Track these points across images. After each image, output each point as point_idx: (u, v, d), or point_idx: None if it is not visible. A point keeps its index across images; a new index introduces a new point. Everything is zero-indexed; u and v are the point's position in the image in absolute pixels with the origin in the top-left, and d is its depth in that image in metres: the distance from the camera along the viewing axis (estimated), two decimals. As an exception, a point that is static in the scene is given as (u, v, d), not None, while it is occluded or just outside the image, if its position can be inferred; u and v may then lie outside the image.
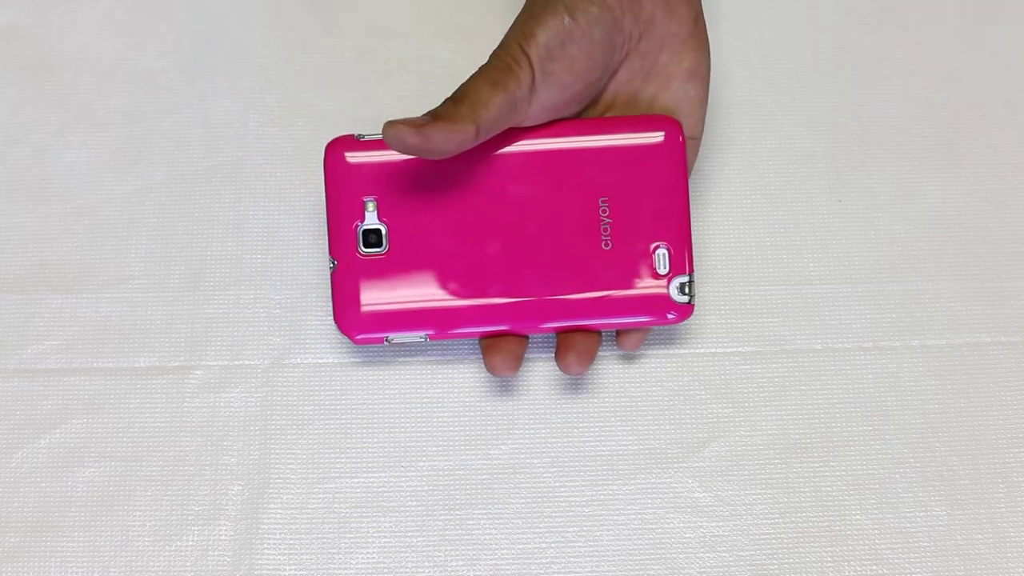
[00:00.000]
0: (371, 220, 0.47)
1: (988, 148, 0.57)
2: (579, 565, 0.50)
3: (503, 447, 0.51)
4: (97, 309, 0.53)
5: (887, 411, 0.52)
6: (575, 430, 0.52)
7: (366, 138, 0.48)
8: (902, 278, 0.55)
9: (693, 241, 0.49)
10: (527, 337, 0.49)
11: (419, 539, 0.50)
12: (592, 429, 0.52)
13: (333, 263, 0.48)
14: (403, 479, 0.51)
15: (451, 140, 0.44)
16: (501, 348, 0.48)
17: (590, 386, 0.53)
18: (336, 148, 0.48)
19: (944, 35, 0.59)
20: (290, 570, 0.49)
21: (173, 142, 0.56)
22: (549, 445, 0.52)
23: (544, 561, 0.50)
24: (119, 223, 0.55)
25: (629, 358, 0.53)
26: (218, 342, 0.53)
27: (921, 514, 0.51)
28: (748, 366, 0.53)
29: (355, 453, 0.51)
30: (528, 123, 0.47)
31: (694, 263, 0.48)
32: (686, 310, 0.48)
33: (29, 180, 0.56)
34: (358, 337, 0.48)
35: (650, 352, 0.53)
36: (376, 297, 0.48)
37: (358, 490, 0.51)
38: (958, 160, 0.57)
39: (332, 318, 0.49)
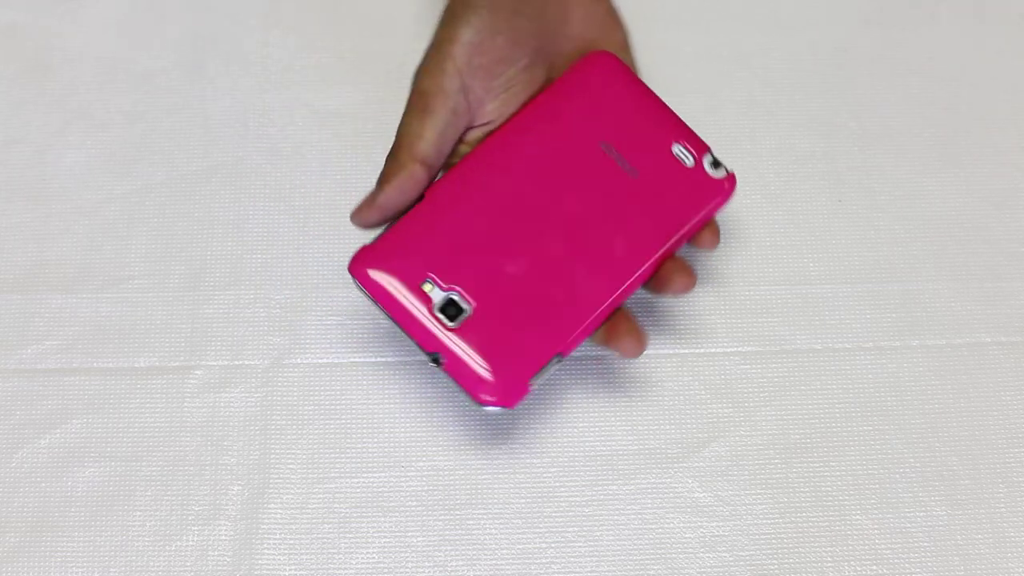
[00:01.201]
0: (439, 296, 0.45)
1: (988, 148, 0.57)
2: (579, 565, 0.50)
3: (503, 447, 0.51)
4: (97, 309, 0.53)
5: (887, 411, 0.52)
6: (575, 430, 0.52)
7: (379, 236, 0.46)
8: (902, 278, 0.55)
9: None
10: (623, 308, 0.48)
11: (419, 539, 0.50)
12: (592, 429, 0.52)
13: (439, 359, 0.45)
14: (403, 479, 0.51)
15: (405, 191, 0.45)
16: (620, 330, 0.47)
17: (590, 386, 0.53)
18: (361, 268, 0.46)
19: (944, 35, 0.59)
20: (290, 570, 0.50)
21: (173, 142, 0.56)
22: (549, 445, 0.52)
23: (544, 561, 0.50)
24: (119, 223, 0.55)
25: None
26: (218, 342, 0.53)
27: (921, 514, 0.51)
28: (748, 366, 0.53)
29: (355, 453, 0.51)
30: (488, 115, 0.48)
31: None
32: (731, 180, 0.48)
33: (29, 180, 0.56)
34: (515, 404, 0.45)
35: (650, 352, 0.53)
36: (499, 356, 0.45)
37: (358, 490, 0.51)
38: (958, 160, 0.57)
39: (454, 375, 0.46)
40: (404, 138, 0.46)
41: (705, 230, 0.49)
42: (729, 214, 0.55)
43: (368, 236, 0.47)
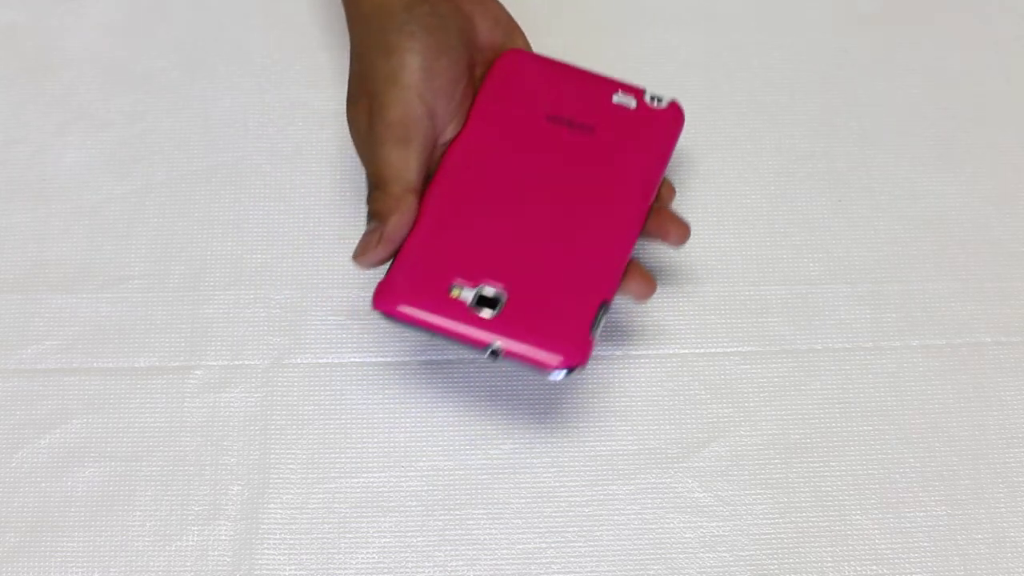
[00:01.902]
0: (470, 295, 0.46)
1: (988, 148, 0.57)
2: (579, 565, 0.50)
3: (503, 447, 0.51)
4: (97, 309, 0.53)
5: (887, 411, 0.52)
6: (575, 430, 0.52)
7: (390, 268, 0.47)
8: (902, 278, 0.55)
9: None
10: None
11: (419, 539, 0.50)
12: (592, 429, 0.52)
13: (497, 351, 0.45)
14: (403, 479, 0.51)
15: (407, 222, 0.46)
16: (630, 275, 0.47)
17: (590, 386, 0.52)
18: (387, 304, 0.46)
19: (944, 35, 0.59)
20: (290, 570, 0.49)
21: (173, 142, 0.56)
22: (549, 445, 0.51)
23: (544, 561, 0.50)
24: (119, 223, 0.55)
25: (629, 358, 0.53)
26: (218, 342, 0.53)
27: (921, 514, 0.51)
28: (748, 366, 0.53)
29: (355, 453, 0.51)
30: (449, 134, 0.49)
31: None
32: (677, 107, 0.50)
33: (29, 180, 0.56)
34: (587, 359, 0.46)
35: (650, 352, 0.53)
36: (551, 324, 0.46)
37: (358, 490, 0.51)
38: (958, 160, 0.57)
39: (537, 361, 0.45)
40: (391, 170, 0.47)
41: (662, 187, 0.50)
42: (730, 213, 0.55)
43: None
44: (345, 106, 0.49)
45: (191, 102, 0.57)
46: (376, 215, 0.46)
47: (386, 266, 0.47)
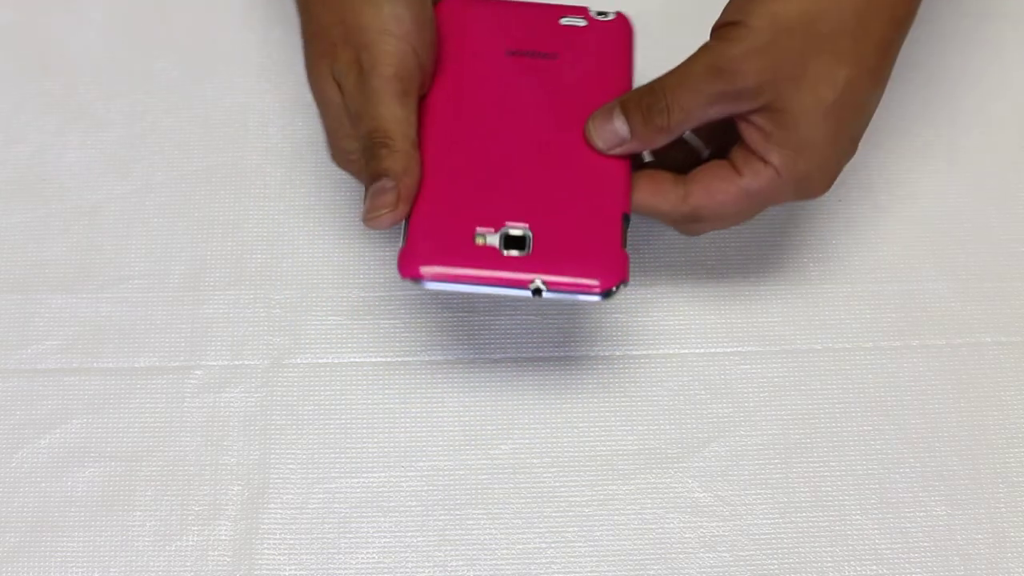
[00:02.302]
0: (496, 239, 0.45)
1: (988, 148, 0.57)
2: (579, 565, 0.50)
3: (503, 447, 0.51)
4: (97, 309, 0.53)
5: (887, 411, 0.52)
6: (575, 430, 0.52)
7: (406, 234, 0.46)
8: (902, 278, 0.55)
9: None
10: None
11: (419, 539, 0.50)
12: (592, 429, 0.52)
13: (539, 289, 0.45)
14: (403, 479, 0.51)
15: (417, 176, 0.45)
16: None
17: (590, 386, 0.52)
18: (415, 268, 0.45)
19: (944, 35, 0.59)
20: (290, 570, 0.49)
21: (173, 142, 0.56)
22: (549, 445, 0.51)
23: (544, 561, 0.50)
24: (119, 223, 0.55)
25: (629, 358, 0.53)
26: (218, 342, 0.53)
27: (921, 514, 0.51)
28: (748, 366, 0.53)
29: (355, 453, 0.51)
30: (429, 86, 0.48)
31: None
32: (622, 19, 0.51)
33: (29, 180, 0.56)
34: (628, 273, 0.45)
35: (650, 352, 0.53)
36: (584, 250, 0.45)
37: (358, 490, 0.51)
38: (958, 160, 0.57)
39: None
40: (396, 126, 0.45)
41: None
42: (729, 214, 0.55)
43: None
44: (311, 62, 0.47)
45: (191, 102, 0.57)
46: (388, 172, 0.45)
47: (394, 233, 0.46)
